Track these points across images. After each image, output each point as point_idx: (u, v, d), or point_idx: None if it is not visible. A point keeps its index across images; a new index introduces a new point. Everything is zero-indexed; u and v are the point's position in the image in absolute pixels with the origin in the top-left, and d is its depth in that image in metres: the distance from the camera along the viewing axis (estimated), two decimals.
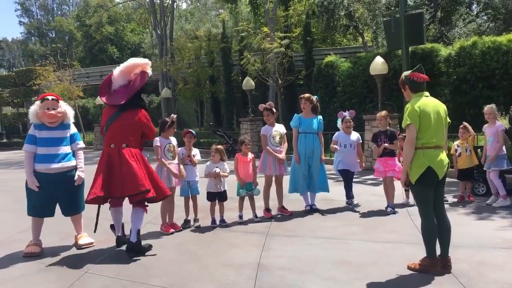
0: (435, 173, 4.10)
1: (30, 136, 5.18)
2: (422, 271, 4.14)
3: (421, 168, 4.09)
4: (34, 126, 5.22)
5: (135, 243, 5.00)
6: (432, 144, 4.13)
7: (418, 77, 4.26)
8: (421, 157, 4.11)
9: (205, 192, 6.21)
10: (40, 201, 5.13)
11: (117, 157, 5.02)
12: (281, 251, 4.98)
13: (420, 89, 4.28)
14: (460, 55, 13.03)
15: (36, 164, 5.09)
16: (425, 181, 4.11)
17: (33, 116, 5.24)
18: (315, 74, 17.69)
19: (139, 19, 39.28)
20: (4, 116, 36.55)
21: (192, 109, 29.18)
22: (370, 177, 9.86)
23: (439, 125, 4.18)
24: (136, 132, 5.24)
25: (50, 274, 4.49)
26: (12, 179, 11.88)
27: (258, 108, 6.92)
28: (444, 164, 4.16)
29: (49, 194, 5.14)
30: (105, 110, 5.43)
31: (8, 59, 67.66)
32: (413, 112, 4.11)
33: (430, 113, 4.12)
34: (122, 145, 5.07)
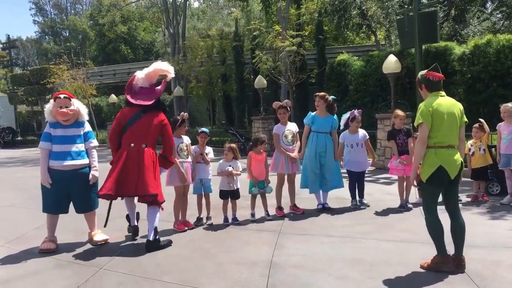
0: (446, 172, 4.09)
1: (46, 134, 5.29)
2: (434, 269, 4.14)
3: (433, 167, 4.10)
4: (49, 124, 5.32)
5: (153, 241, 5.13)
6: (445, 144, 4.13)
7: (433, 76, 4.24)
8: (433, 156, 4.12)
9: (218, 190, 6.24)
10: (54, 198, 5.21)
11: (135, 157, 5.18)
12: (293, 249, 4.99)
13: (436, 88, 4.26)
14: (474, 53, 12.91)
15: (50, 161, 5.19)
16: (435, 180, 4.13)
17: (48, 115, 5.34)
18: (328, 72, 17.64)
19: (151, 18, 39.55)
20: (19, 114, 36.99)
21: (204, 107, 29.27)
22: (383, 176, 9.84)
23: (452, 125, 4.16)
24: (156, 134, 5.41)
25: (66, 270, 4.56)
26: (27, 177, 12.04)
27: (272, 106, 6.91)
28: (456, 164, 4.14)
29: (63, 191, 5.21)
30: (124, 111, 5.51)
31: (23, 57, 68.40)
32: (425, 111, 4.12)
33: (444, 113, 4.11)
34: (141, 145, 5.24)
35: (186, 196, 6.13)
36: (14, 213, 7.57)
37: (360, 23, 19.95)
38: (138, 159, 5.16)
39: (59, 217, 5.40)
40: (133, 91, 5.49)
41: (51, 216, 5.33)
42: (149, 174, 5.13)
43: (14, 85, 33.92)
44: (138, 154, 5.19)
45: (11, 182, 11.55)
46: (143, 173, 5.10)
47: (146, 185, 5.07)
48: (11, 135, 29.63)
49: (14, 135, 30.22)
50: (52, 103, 5.32)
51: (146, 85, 5.50)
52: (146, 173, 5.11)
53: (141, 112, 5.34)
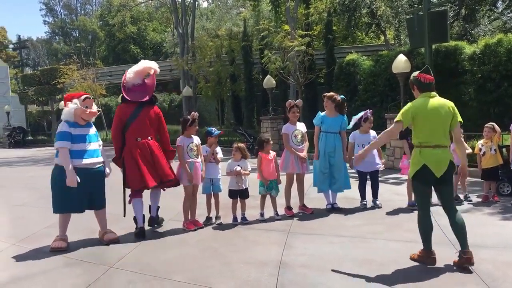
0: (430, 171, 4.24)
1: (65, 133, 5.23)
2: (418, 262, 4.36)
3: (417, 165, 4.30)
4: (68, 124, 5.29)
5: (155, 217, 6.15)
6: (431, 144, 4.26)
7: (424, 77, 4.37)
8: (417, 155, 4.32)
9: (227, 190, 6.26)
10: (73, 197, 5.24)
11: (146, 150, 5.68)
12: (302, 249, 4.99)
13: (427, 89, 4.39)
14: (485, 53, 12.79)
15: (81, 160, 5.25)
16: (420, 178, 4.32)
17: (69, 114, 5.31)
18: (337, 72, 17.58)
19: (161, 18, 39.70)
20: (29, 114, 37.31)
21: (213, 107, 29.30)
22: (392, 176, 9.81)
23: (437, 125, 4.27)
24: (155, 126, 5.95)
25: (76, 269, 4.60)
26: (38, 176, 12.14)
27: (280, 106, 6.90)
28: (442, 163, 4.25)
29: (82, 189, 5.25)
30: (123, 107, 5.87)
31: (33, 58, 69.01)
32: (406, 112, 4.35)
33: (428, 114, 4.26)
34: (147, 138, 5.75)
35: (195, 195, 6.15)
36: (25, 212, 7.64)
37: (369, 23, 19.87)
38: (150, 151, 5.69)
39: (71, 215, 5.44)
40: (127, 89, 5.86)
41: (64, 215, 5.37)
42: (163, 161, 5.77)
43: (25, 85, 34.25)
44: (148, 146, 5.70)
45: (22, 181, 11.66)
46: (158, 163, 5.70)
47: (166, 172, 5.73)
48: (22, 134, 29.91)
49: (25, 134, 30.50)
50: (78, 103, 5.33)
51: (138, 82, 5.89)
52: (161, 161, 5.74)
53: (139, 107, 5.75)
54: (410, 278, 4.03)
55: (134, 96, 5.79)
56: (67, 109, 5.35)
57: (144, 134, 5.72)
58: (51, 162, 5.89)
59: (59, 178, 5.21)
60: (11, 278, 4.39)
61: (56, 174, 5.28)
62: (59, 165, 5.25)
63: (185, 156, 5.92)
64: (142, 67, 5.94)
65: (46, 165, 15.59)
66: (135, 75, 5.87)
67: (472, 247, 4.75)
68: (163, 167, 5.71)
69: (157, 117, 5.94)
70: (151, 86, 6.01)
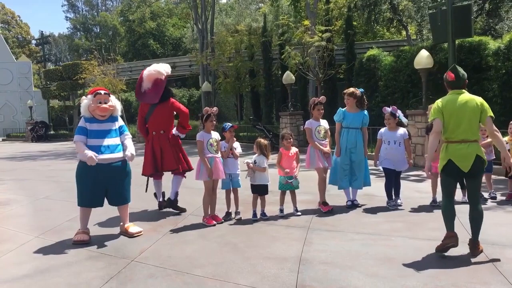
0: (456, 166, 4.43)
1: (81, 128, 5.35)
2: (442, 247, 4.46)
3: (444, 160, 4.53)
4: (85, 119, 5.40)
5: (173, 200, 6.80)
6: (458, 139, 4.44)
7: (449, 75, 4.60)
8: (444, 150, 4.54)
9: (246, 186, 6.26)
10: (91, 191, 5.32)
11: (157, 142, 6.65)
12: (322, 245, 4.96)
13: (455, 87, 4.59)
14: (509, 48, 12.49)
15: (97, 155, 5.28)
16: (447, 171, 4.55)
17: (85, 110, 5.42)
18: (357, 68, 17.40)
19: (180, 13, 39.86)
20: (52, 109, 37.93)
21: (231, 103, 29.36)
22: (413, 173, 9.70)
23: (464, 120, 4.41)
24: (170, 119, 6.83)
25: (98, 262, 4.66)
26: (60, 169, 12.35)
27: (310, 103, 6.84)
28: (468, 157, 4.40)
29: (99, 184, 5.32)
30: (142, 106, 6.93)
31: (55, 53, 70.04)
32: (436, 109, 4.56)
33: (455, 110, 4.44)
34: (160, 132, 6.69)
35: (215, 191, 6.17)
36: (48, 204, 7.78)
37: (391, 18, 19.60)
38: (160, 144, 6.63)
39: (91, 210, 5.52)
40: (140, 93, 6.76)
41: (85, 209, 5.45)
42: (169, 154, 6.62)
43: (47, 80, 34.80)
44: (159, 139, 6.65)
45: (45, 175, 11.87)
46: (165, 154, 6.61)
47: (170, 162, 6.60)
48: (44, 129, 30.45)
49: (47, 129, 31.05)
50: (91, 99, 5.42)
51: (149, 86, 6.61)
52: (167, 153, 6.62)
53: (153, 106, 6.67)
54: (432, 277, 3.97)
55: (146, 99, 6.71)
56: (82, 105, 5.50)
57: (158, 128, 6.69)
58: (72, 156, 6.04)
59: (79, 173, 5.35)
60: (35, 270, 4.46)
61: (77, 168, 5.40)
62: (80, 160, 5.34)
63: (205, 151, 5.94)
64: (150, 73, 6.60)
65: (68, 159, 15.85)
66: (145, 81, 6.62)
67: (496, 246, 4.71)
68: (168, 158, 6.60)
69: (171, 107, 6.78)
70: (161, 87, 6.62)
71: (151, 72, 6.60)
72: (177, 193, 6.84)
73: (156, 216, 6.58)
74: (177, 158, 6.69)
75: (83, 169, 5.29)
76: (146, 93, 6.65)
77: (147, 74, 6.61)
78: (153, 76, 6.58)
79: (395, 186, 6.81)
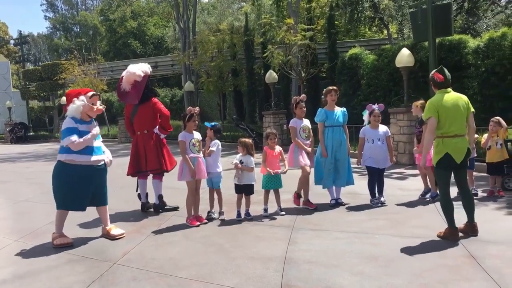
0: (452, 158, 4.81)
1: (73, 129, 5.15)
2: (444, 238, 4.88)
3: (440, 154, 4.85)
4: (74, 120, 5.22)
5: (159, 205, 6.76)
6: (451, 133, 4.82)
7: (437, 76, 4.99)
8: (440, 145, 4.86)
9: (229, 186, 6.21)
10: (80, 194, 5.23)
11: (141, 141, 6.69)
12: (307, 244, 4.95)
13: (442, 86, 4.97)
14: (489, 46, 12.70)
15: (78, 155, 5.15)
16: (443, 164, 4.87)
17: (76, 111, 5.23)
18: (339, 67, 17.48)
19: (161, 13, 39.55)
20: (31, 110, 37.30)
21: (214, 102, 29.25)
22: (396, 170, 9.77)
23: (457, 116, 4.84)
24: (153, 119, 6.76)
25: (79, 266, 4.56)
26: (40, 171, 12.13)
27: (292, 102, 6.82)
28: (462, 150, 4.83)
29: (89, 186, 5.25)
30: (127, 106, 7.02)
31: (34, 53, 68.98)
32: (431, 107, 4.87)
33: (448, 107, 4.82)
34: (144, 132, 6.72)
35: (199, 191, 6.10)
36: (28, 207, 7.61)
37: (372, 17, 19.73)
38: (144, 143, 6.66)
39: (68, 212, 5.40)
40: (121, 94, 6.84)
41: (64, 212, 5.32)
42: (152, 154, 6.61)
43: (26, 81, 34.24)
44: (143, 139, 6.69)
45: (25, 177, 11.64)
46: (148, 153, 6.61)
47: (152, 162, 6.60)
48: (24, 130, 29.89)
49: (26, 130, 30.48)
50: (85, 100, 5.27)
51: (128, 87, 6.66)
52: (150, 153, 6.62)
53: (136, 106, 6.72)
54: (417, 274, 3.99)
55: (127, 100, 6.78)
56: (74, 106, 5.23)
57: (142, 128, 6.73)
58: (53, 157, 5.88)
59: (65, 173, 5.16)
60: (13, 276, 4.35)
61: (60, 170, 5.21)
62: (63, 162, 5.17)
63: (187, 151, 5.87)
64: (128, 74, 6.64)
65: (48, 161, 15.58)
66: (124, 82, 6.69)
67: (479, 242, 4.76)
68: (151, 158, 6.60)
69: (153, 108, 6.73)
70: (140, 87, 6.64)
71: (129, 73, 6.63)
72: (160, 196, 6.82)
73: (139, 217, 6.49)
74: (159, 158, 6.68)
75: (66, 169, 5.15)
76: (127, 94, 6.72)
77: (125, 76, 6.68)
78: (131, 77, 6.61)
79: (379, 184, 6.83)
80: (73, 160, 5.15)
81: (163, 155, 6.76)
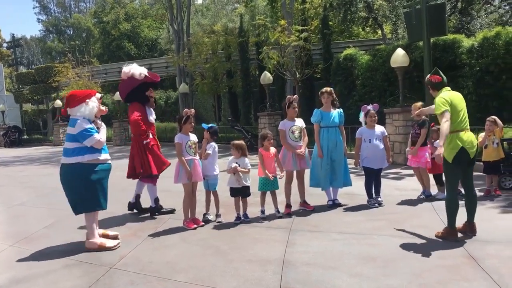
0: (467, 152, 4.81)
1: (92, 128, 5.14)
2: (442, 238, 4.89)
3: (456, 149, 4.80)
4: (89, 121, 5.18)
5: (155, 208, 6.72)
6: (463, 128, 4.86)
7: (434, 78, 5.13)
8: (454, 140, 4.81)
9: (224, 188, 6.18)
10: (106, 191, 5.27)
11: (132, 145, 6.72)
12: (305, 246, 4.93)
13: (442, 86, 5.08)
14: (483, 46, 12.73)
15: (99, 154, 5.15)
16: (459, 160, 4.82)
17: (91, 112, 5.21)
18: (334, 67, 17.48)
19: (155, 15, 39.47)
20: (25, 113, 37.08)
21: (209, 104, 29.16)
22: (392, 171, 9.77)
23: (464, 111, 4.95)
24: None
25: (76, 270, 4.52)
26: (34, 175, 12.05)
27: (286, 101, 6.73)
28: (474, 144, 4.89)
29: (107, 182, 5.33)
30: None
31: (27, 56, 68.61)
32: (443, 101, 4.84)
33: (458, 102, 4.92)
34: (131, 135, 6.88)
35: (195, 193, 6.07)
36: (23, 211, 7.54)
37: (366, 17, 19.75)
38: (132, 148, 6.70)
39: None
40: None
41: (94, 213, 5.24)
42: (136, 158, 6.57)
43: (20, 84, 34.02)
44: (132, 143, 6.73)
45: (19, 180, 11.54)
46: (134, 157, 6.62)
47: (137, 166, 6.55)
48: (17, 134, 29.69)
49: (20, 134, 30.27)
50: (96, 101, 5.29)
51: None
52: (131, 158, 6.67)
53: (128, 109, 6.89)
54: (416, 275, 3.98)
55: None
56: (89, 108, 5.17)
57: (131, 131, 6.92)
58: (47, 161, 5.83)
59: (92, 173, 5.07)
60: (10, 281, 4.30)
61: (83, 171, 5.04)
62: (85, 163, 5.04)
63: (183, 154, 5.84)
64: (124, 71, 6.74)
65: (42, 164, 15.50)
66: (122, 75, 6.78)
67: (477, 242, 4.76)
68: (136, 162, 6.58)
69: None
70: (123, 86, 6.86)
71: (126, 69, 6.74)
72: (156, 199, 6.77)
73: (136, 220, 6.45)
74: (142, 162, 6.56)
75: (97, 168, 5.11)
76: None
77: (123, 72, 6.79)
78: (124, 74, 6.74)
79: (376, 184, 6.82)
80: (97, 159, 5.10)
81: (148, 160, 6.57)
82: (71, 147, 5.08)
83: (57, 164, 15.39)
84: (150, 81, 6.80)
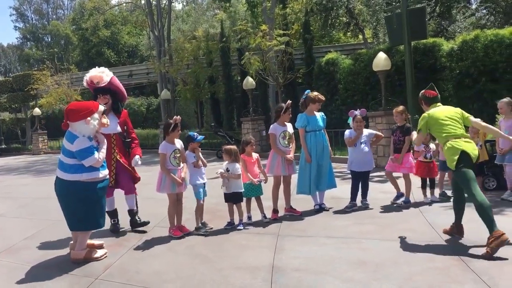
0: (469, 155, 4.68)
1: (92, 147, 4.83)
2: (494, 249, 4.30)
3: (455, 154, 4.70)
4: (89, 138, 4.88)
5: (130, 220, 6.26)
6: (458, 134, 4.82)
7: (429, 93, 5.26)
8: (452, 146, 4.76)
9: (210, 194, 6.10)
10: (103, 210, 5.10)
11: None
12: (294, 252, 4.87)
13: (433, 102, 5.23)
14: (462, 49, 12.89)
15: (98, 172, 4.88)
16: (462, 162, 4.67)
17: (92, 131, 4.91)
18: (316, 72, 17.55)
19: (135, 21, 39.18)
20: (2, 122, 36.32)
21: (191, 110, 29.00)
22: (377, 174, 9.78)
23: (454, 121, 4.94)
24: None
25: (60, 282, 4.38)
26: (14, 185, 11.75)
27: (284, 106, 6.63)
28: (474, 149, 4.78)
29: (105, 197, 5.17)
30: None
31: (4, 64, 67.44)
32: (421, 121, 5.10)
33: (440, 114, 4.99)
34: None
35: (181, 200, 5.95)
36: (2, 223, 7.31)
37: (347, 22, 19.91)
38: None
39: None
40: None
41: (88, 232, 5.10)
42: None
43: None
44: None
45: None
46: None
47: None
48: None
49: None
50: (98, 118, 4.91)
51: None
52: None
53: None
54: (407, 278, 3.95)
55: None
56: (90, 128, 4.83)
57: None
58: (26, 170, 5.65)
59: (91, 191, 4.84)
60: None
61: (83, 190, 4.80)
62: (84, 181, 4.78)
63: (167, 164, 5.68)
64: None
65: (21, 174, 15.17)
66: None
67: (465, 243, 4.77)
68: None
69: None
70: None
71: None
72: (131, 211, 6.26)
73: (124, 230, 6.28)
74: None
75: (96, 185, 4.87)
76: None
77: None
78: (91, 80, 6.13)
79: (363, 187, 6.82)
80: (97, 177, 4.86)
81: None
82: (69, 162, 4.79)
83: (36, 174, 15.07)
84: (94, 87, 6.09)
